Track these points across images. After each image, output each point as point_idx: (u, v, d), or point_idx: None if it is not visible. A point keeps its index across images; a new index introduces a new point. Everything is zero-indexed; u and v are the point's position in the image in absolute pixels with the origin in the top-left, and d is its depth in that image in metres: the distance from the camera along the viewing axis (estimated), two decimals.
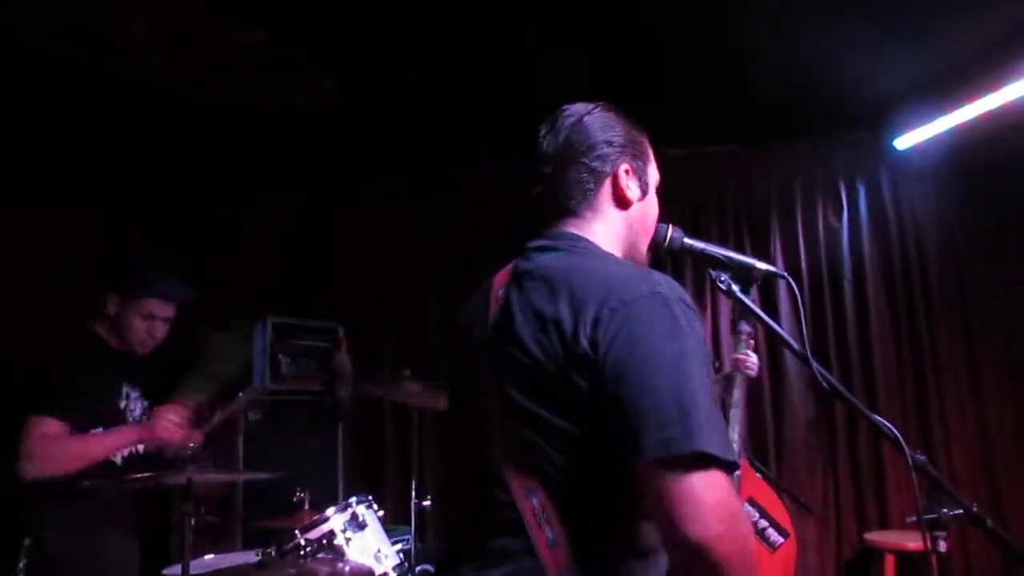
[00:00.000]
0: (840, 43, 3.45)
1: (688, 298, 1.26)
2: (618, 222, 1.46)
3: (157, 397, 2.85)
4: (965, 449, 4.11)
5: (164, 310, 2.77)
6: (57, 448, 2.44)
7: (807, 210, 4.44)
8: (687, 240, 1.84)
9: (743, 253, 1.86)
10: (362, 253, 4.80)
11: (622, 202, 1.46)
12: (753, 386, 4.32)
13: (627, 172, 1.45)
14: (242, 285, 4.32)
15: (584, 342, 1.19)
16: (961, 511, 1.77)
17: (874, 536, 3.95)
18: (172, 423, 2.60)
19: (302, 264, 4.71)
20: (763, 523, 3.30)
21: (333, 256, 4.79)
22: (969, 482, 4.07)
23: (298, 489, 3.19)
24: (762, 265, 1.89)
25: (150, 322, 2.73)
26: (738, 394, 3.11)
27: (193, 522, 2.31)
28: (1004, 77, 3.58)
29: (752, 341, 3.18)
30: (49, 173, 3.37)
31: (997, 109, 3.70)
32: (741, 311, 3.19)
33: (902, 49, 3.52)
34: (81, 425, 2.51)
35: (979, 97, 3.71)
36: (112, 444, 2.57)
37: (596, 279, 1.26)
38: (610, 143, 1.44)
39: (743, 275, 1.87)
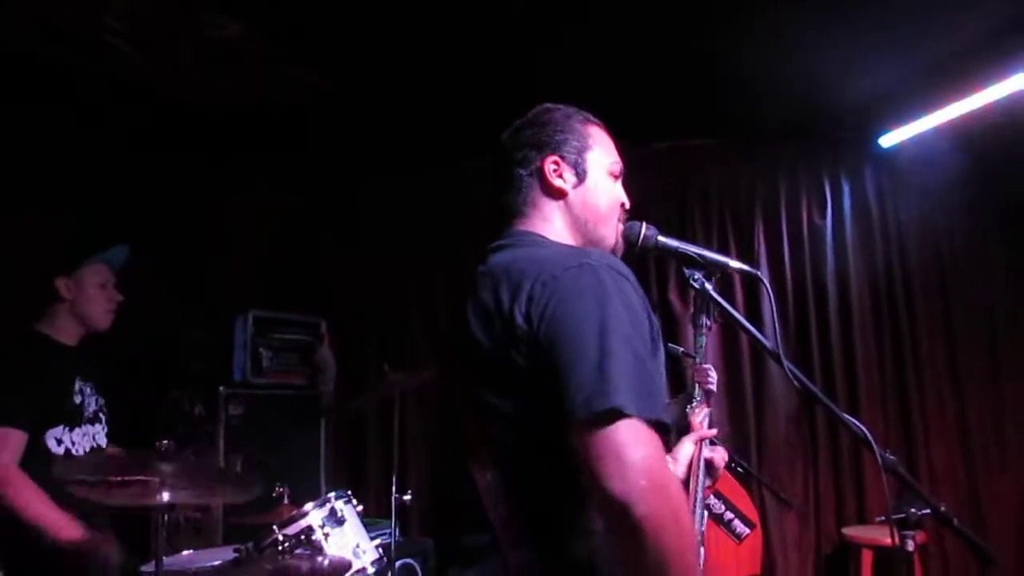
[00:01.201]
0: (825, 41, 3.45)
1: (621, 266, 1.31)
2: (559, 212, 1.52)
3: (114, 394, 2.83)
4: (945, 446, 4.13)
5: (111, 276, 2.76)
6: (21, 488, 2.42)
7: (791, 208, 4.45)
8: (661, 238, 1.85)
9: (716, 251, 1.87)
10: (345, 247, 4.80)
11: (555, 192, 1.51)
12: (733, 384, 4.36)
13: (556, 163, 1.51)
14: (224, 279, 4.30)
15: (520, 320, 1.24)
16: (929, 511, 1.79)
17: (852, 531, 3.97)
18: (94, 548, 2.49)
19: (285, 258, 4.69)
20: (729, 515, 3.33)
21: (317, 250, 4.78)
22: (949, 478, 4.09)
23: (278, 484, 3.18)
24: (735, 264, 1.90)
25: (106, 290, 2.72)
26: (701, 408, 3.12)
27: (165, 519, 2.28)
28: (990, 76, 3.59)
29: (710, 333, 3.20)
30: (21, 174, 3.31)
31: (982, 108, 3.71)
32: (701, 304, 3.23)
33: (887, 47, 3.52)
34: (39, 428, 2.50)
35: (965, 96, 3.72)
36: (56, 525, 2.44)
37: (532, 262, 1.32)
38: (533, 143, 1.52)
39: (719, 274, 1.89)
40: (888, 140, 4.17)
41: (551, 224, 1.50)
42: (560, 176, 1.50)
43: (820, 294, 4.36)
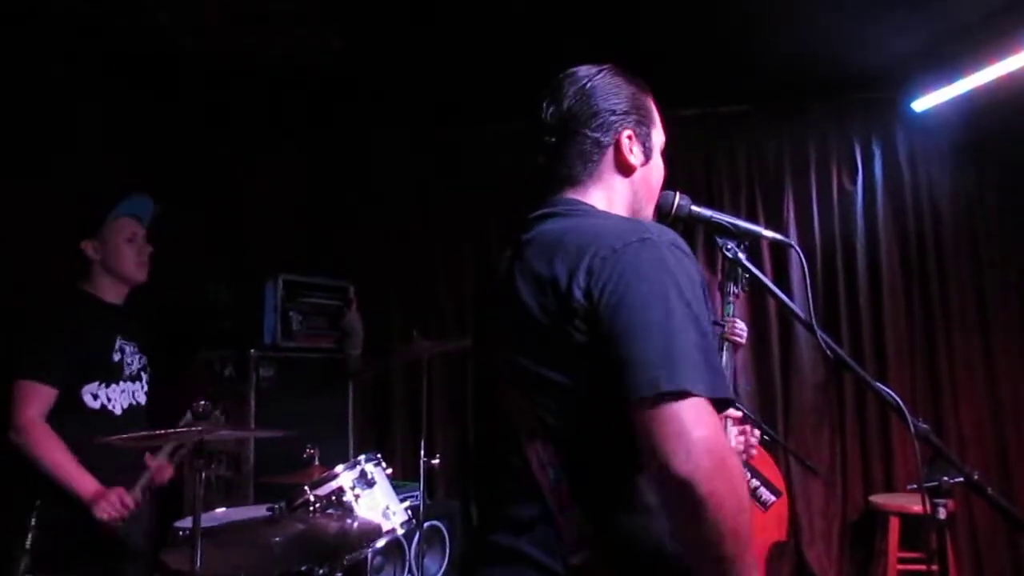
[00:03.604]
0: (858, 2, 3.38)
1: (681, 242, 1.28)
2: (622, 188, 1.46)
3: (157, 353, 2.88)
4: (974, 412, 4.11)
5: (140, 228, 2.77)
6: (41, 440, 2.48)
7: (821, 173, 4.39)
8: (694, 208, 1.83)
9: (750, 220, 1.85)
10: (373, 211, 4.80)
11: (625, 169, 1.46)
12: (760, 351, 4.35)
13: (630, 138, 1.45)
14: (254, 242, 4.33)
15: (579, 294, 1.21)
16: (962, 479, 1.78)
17: (879, 499, 3.98)
18: (113, 507, 2.50)
19: (314, 223, 4.72)
20: (755, 482, 3.34)
21: (344, 215, 4.79)
22: (977, 444, 4.08)
23: (308, 446, 3.23)
24: (769, 233, 1.88)
25: (134, 243, 2.73)
26: (727, 358, 3.12)
27: (204, 476, 2.32)
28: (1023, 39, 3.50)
29: (737, 301, 3.20)
30: (46, 132, 3.32)
31: (1016, 72, 3.62)
32: (729, 272, 3.22)
33: (921, 9, 3.44)
34: (72, 383, 2.54)
35: (998, 60, 3.63)
36: (73, 480, 2.49)
37: (589, 234, 1.28)
38: (612, 111, 1.43)
39: (749, 242, 1.87)
40: (921, 104, 4.08)
41: (609, 198, 1.44)
42: (631, 152, 1.44)
43: (849, 260, 4.32)
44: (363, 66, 3.91)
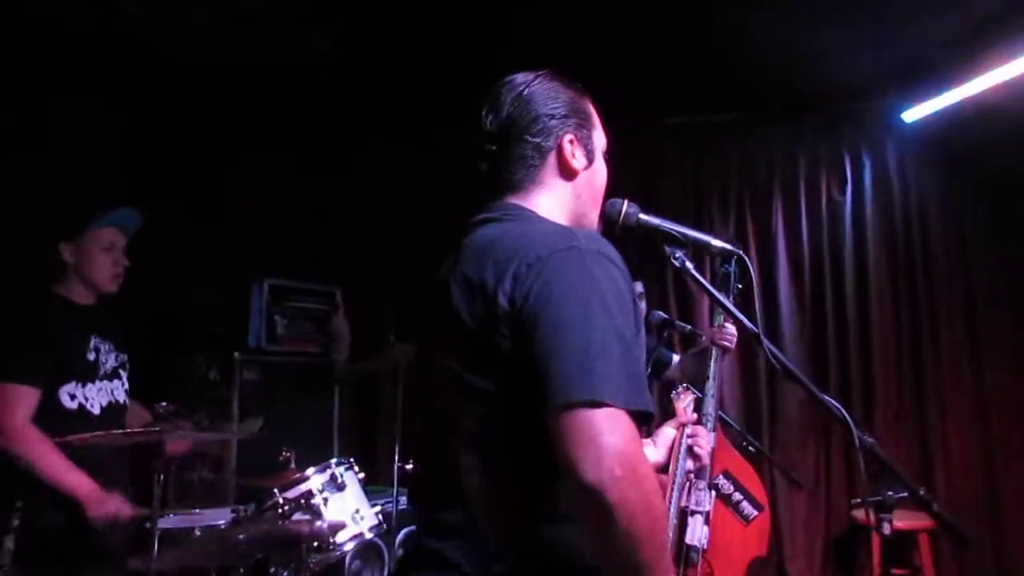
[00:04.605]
0: (847, 10, 3.37)
1: (610, 251, 1.27)
2: (564, 193, 1.46)
3: (136, 350, 2.90)
4: (962, 426, 4.08)
5: (120, 239, 2.78)
6: (34, 444, 2.48)
7: (810, 183, 4.38)
8: (642, 216, 1.82)
9: (698, 229, 1.84)
10: (360, 216, 4.82)
11: (568, 173, 1.46)
12: (747, 360, 4.33)
13: (571, 142, 1.45)
14: (241, 246, 4.35)
15: (504, 300, 1.22)
16: (907, 493, 1.76)
17: (862, 513, 3.93)
18: (108, 515, 2.51)
19: (301, 227, 4.73)
20: (737, 496, 3.30)
21: (332, 219, 4.80)
22: (964, 459, 4.04)
23: (284, 449, 3.24)
24: (717, 242, 1.88)
25: (112, 253, 2.75)
26: (714, 367, 3.11)
27: (162, 479, 2.34)
28: (1015, 49, 3.48)
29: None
30: (27, 131, 3.36)
31: (1006, 81, 3.60)
32: (721, 281, 3.20)
33: (910, 20, 3.43)
34: (51, 384, 2.56)
35: (988, 70, 3.62)
36: (70, 480, 2.51)
37: (518, 240, 1.28)
38: (552, 115, 1.44)
39: (698, 251, 1.86)
40: (911, 114, 4.07)
41: (551, 203, 1.44)
42: (574, 156, 1.44)
43: (837, 271, 4.31)
44: (352, 68, 3.93)
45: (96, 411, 2.69)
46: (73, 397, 2.65)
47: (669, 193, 4.47)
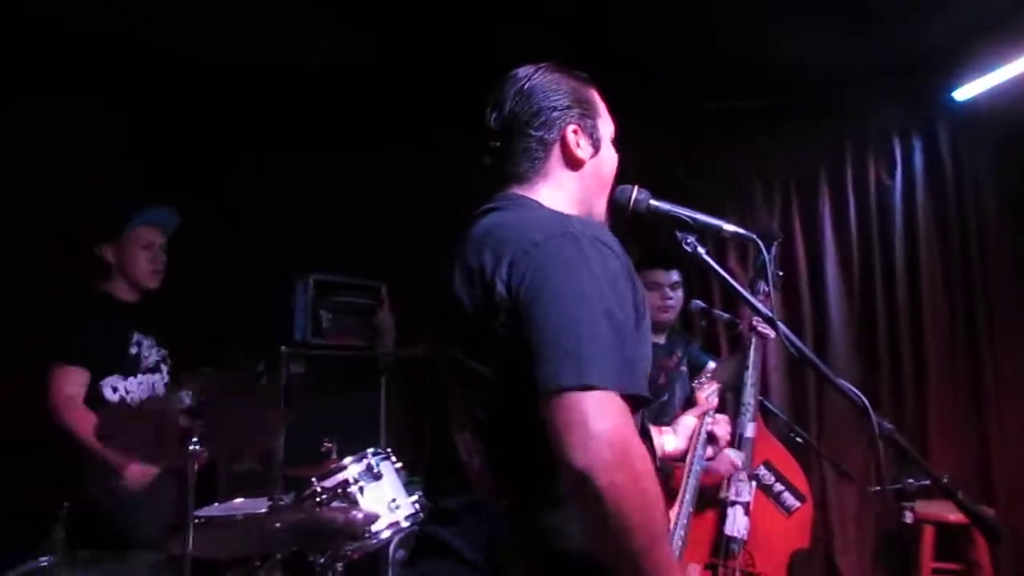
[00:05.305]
0: None
1: (606, 236, 1.29)
2: (570, 183, 1.48)
3: (180, 345, 3.01)
4: (1019, 410, 3.91)
5: (158, 237, 2.91)
6: (79, 417, 2.63)
7: (857, 167, 4.25)
8: (652, 202, 1.80)
9: (710, 214, 1.81)
10: (407, 210, 4.86)
11: (574, 163, 1.47)
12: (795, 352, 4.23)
13: (575, 132, 1.46)
14: (287, 241, 4.45)
15: (501, 287, 1.24)
16: (929, 481, 1.72)
17: (915, 506, 3.81)
18: (139, 474, 2.70)
19: (347, 221, 4.80)
20: (779, 487, 3.24)
21: (378, 214, 4.86)
22: (1020, 442, 3.89)
23: (326, 440, 3.31)
24: (730, 227, 1.84)
25: (150, 250, 2.88)
26: (753, 355, 3.06)
27: (197, 468, 2.41)
28: None
29: (769, 301, 3.13)
30: (72, 139, 3.47)
31: None
32: (760, 270, 3.15)
33: None
34: (95, 376, 2.69)
35: None
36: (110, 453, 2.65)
37: (515, 228, 1.30)
38: (554, 107, 1.45)
39: (711, 236, 1.84)
40: (963, 93, 3.92)
41: (556, 194, 1.45)
42: (579, 146, 1.46)
43: (887, 259, 4.18)
44: (394, 66, 3.97)
45: (136, 403, 2.82)
46: (115, 390, 2.79)
47: (711, 180, 4.39)
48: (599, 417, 1.10)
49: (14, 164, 3.29)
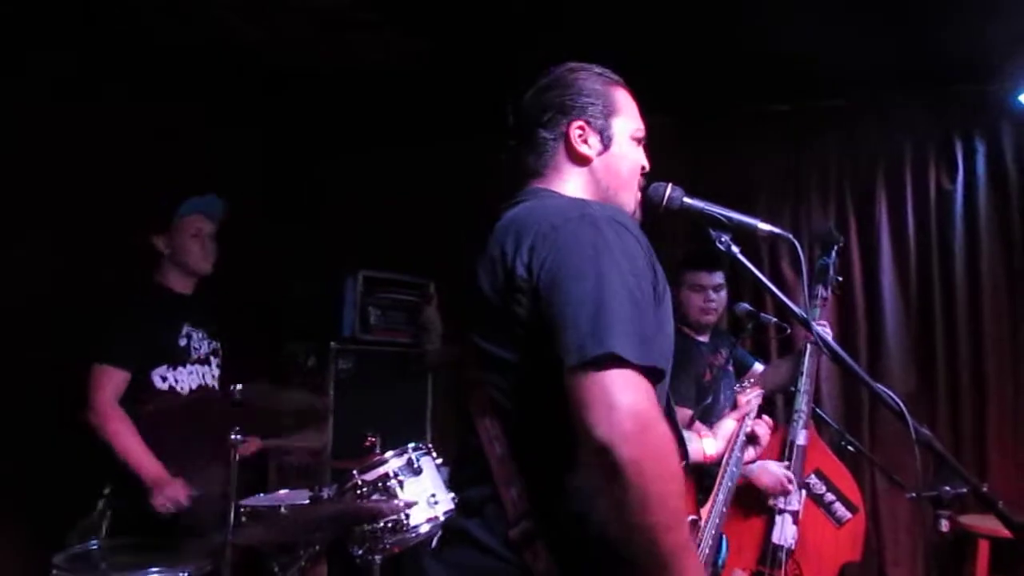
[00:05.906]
0: None
1: (623, 216, 1.34)
2: (580, 178, 1.52)
3: (231, 340, 3.09)
4: None
5: (207, 224, 2.98)
6: (113, 423, 2.70)
7: (917, 171, 4.13)
8: (686, 199, 1.80)
9: (744, 212, 1.80)
10: (456, 208, 4.90)
11: (579, 159, 1.52)
12: (847, 355, 4.13)
13: (581, 129, 1.51)
14: (337, 238, 4.53)
15: (522, 270, 1.27)
16: (966, 489, 1.67)
17: (969, 520, 3.69)
18: (168, 500, 2.71)
19: (395, 219, 4.86)
20: (830, 497, 3.16)
21: (428, 211, 4.91)
22: None
23: (370, 434, 3.37)
24: (765, 226, 1.82)
25: (199, 238, 2.96)
26: (808, 363, 3.02)
27: (238, 457, 2.48)
28: None
29: (825, 304, 3.08)
30: (121, 140, 3.57)
31: None
32: (816, 275, 3.09)
33: None
34: (143, 366, 2.77)
35: None
36: (141, 464, 2.71)
37: (535, 214, 1.35)
38: (560, 106, 1.51)
39: (746, 235, 1.82)
40: None
41: (570, 186, 1.51)
42: (585, 142, 1.51)
43: (946, 266, 4.04)
44: (450, 71, 4.01)
45: (185, 392, 2.90)
46: (164, 379, 2.88)
47: (768, 182, 4.32)
48: (622, 392, 1.11)
49: (88, 162, 3.40)
